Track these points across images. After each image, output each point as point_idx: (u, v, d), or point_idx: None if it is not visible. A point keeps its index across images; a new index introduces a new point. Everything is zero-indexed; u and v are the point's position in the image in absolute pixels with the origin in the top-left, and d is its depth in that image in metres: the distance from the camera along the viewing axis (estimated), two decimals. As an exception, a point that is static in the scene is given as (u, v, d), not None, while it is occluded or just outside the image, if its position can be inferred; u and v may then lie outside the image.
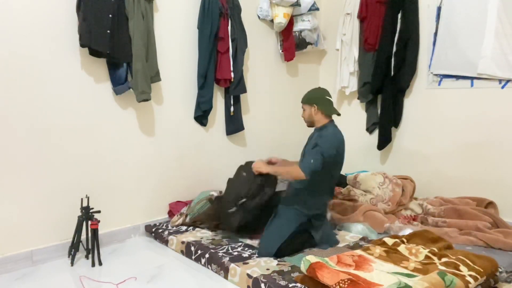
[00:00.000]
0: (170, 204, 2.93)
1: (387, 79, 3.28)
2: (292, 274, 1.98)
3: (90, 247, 2.31)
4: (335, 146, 2.28)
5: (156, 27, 2.74)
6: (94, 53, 2.41)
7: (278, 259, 2.18)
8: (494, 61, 2.80)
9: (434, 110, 3.17)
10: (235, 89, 3.11)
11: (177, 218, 2.75)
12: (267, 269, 2.05)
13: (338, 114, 2.41)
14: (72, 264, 2.28)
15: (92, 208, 2.34)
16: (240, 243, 2.42)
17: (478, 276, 1.77)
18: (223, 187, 2.72)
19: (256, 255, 2.24)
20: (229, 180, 2.60)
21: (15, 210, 2.25)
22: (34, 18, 2.23)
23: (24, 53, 2.22)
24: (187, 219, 2.70)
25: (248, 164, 2.53)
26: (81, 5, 2.31)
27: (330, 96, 2.43)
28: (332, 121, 2.42)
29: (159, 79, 2.70)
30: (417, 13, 3.18)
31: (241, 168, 2.60)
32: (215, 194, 2.76)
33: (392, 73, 3.24)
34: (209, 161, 3.16)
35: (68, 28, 2.35)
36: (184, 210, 2.80)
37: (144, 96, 2.55)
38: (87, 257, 2.34)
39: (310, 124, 2.48)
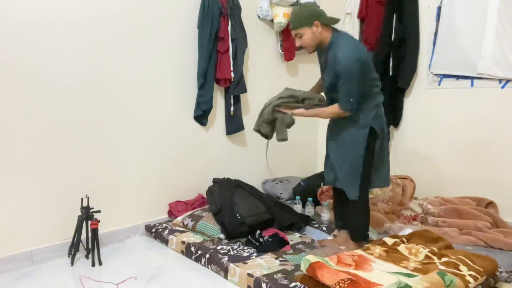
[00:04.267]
0: (170, 204, 2.94)
1: (386, 79, 3.28)
2: (295, 273, 1.97)
3: (90, 247, 2.31)
4: (357, 65, 2.05)
5: (156, 27, 2.75)
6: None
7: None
8: (494, 61, 2.80)
9: (434, 110, 3.17)
10: (235, 89, 3.11)
11: (181, 220, 2.74)
12: (269, 268, 2.05)
13: (338, 20, 2.22)
14: (72, 264, 2.28)
15: (92, 208, 2.34)
16: (239, 243, 2.42)
17: (478, 276, 1.77)
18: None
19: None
20: None
21: (15, 210, 2.25)
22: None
23: (23, 52, 2.22)
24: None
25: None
26: None
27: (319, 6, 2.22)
28: (334, 29, 2.19)
29: None
30: (417, 13, 3.18)
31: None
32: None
33: (391, 72, 3.24)
34: (209, 161, 3.16)
35: (73, 23, 2.36)
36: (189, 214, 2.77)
37: None
38: (87, 257, 2.34)
39: (316, 47, 2.22)
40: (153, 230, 2.70)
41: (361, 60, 2.08)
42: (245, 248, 2.34)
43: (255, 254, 2.24)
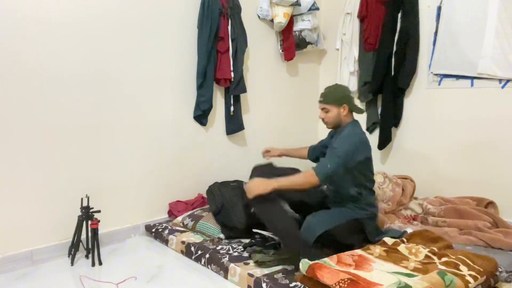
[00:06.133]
0: (170, 204, 2.94)
1: (387, 79, 3.28)
2: (295, 273, 1.97)
3: (90, 246, 2.31)
4: (354, 143, 2.13)
5: (156, 27, 2.75)
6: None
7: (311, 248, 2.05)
8: (494, 61, 2.80)
9: (434, 110, 3.17)
10: (235, 89, 3.10)
11: (181, 220, 2.74)
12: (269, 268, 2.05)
13: (363, 111, 2.32)
14: (72, 263, 2.28)
15: (92, 208, 2.34)
16: (240, 243, 2.42)
17: (478, 276, 1.77)
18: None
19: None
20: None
21: (15, 210, 2.25)
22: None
23: (23, 50, 2.22)
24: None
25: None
26: None
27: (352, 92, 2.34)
28: (354, 119, 2.30)
29: None
30: (417, 12, 3.18)
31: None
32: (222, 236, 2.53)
33: (393, 73, 3.24)
34: (209, 161, 3.16)
35: (70, 20, 2.36)
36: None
37: None
38: (87, 256, 2.34)
39: (336, 126, 2.30)
40: (153, 230, 2.70)
41: (358, 145, 2.14)
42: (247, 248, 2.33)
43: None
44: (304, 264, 1.82)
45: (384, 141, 3.37)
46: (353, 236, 2.22)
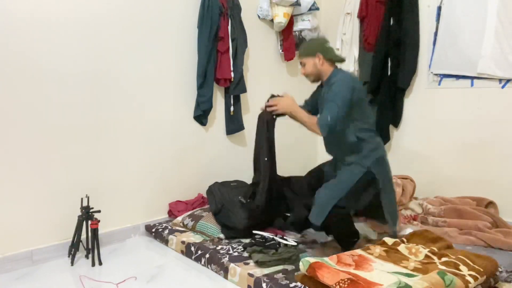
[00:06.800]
0: (170, 204, 2.94)
1: (385, 79, 3.28)
2: (295, 273, 1.97)
3: (90, 246, 2.31)
4: (349, 87, 2.10)
5: (156, 26, 2.75)
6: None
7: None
8: (494, 61, 2.80)
9: (434, 109, 3.17)
10: (235, 89, 3.11)
11: (181, 220, 2.74)
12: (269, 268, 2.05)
13: (343, 60, 2.28)
14: (72, 263, 2.28)
15: (92, 208, 2.34)
16: (240, 243, 2.42)
17: (478, 276, 1.77)
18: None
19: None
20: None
21: (15, 210, 2.25)
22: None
23: (23, 50, 2.22)
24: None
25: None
26: None
27: (329, 42, 2.29)
28: (336, 67, 2.27)
29: None
30: (417, 12, 3.18)
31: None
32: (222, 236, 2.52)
33: (389, 72, 3.24)
34: (209, 161, 3.16)
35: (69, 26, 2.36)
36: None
37: None
38: (87, 256, 2.34)
39: (316, 78, 2.30)
40: (153, 230, 2.70)
41: (354, 88, 2.11)
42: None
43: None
44: (305, 263, 1.82)
45: (383, 141, 3.37)
46: (368, 190, 2.19)
